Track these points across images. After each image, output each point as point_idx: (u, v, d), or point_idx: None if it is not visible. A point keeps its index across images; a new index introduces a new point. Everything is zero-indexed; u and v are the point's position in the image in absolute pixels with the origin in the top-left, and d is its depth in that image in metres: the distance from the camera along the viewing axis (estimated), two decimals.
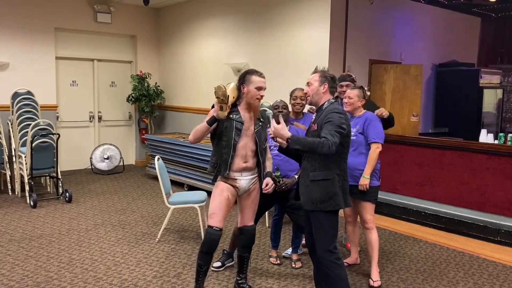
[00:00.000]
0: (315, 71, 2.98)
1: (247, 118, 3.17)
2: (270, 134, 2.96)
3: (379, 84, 6.52)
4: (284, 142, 2.95)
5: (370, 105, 3.88)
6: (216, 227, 3.12)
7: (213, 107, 3.17)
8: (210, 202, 3.23)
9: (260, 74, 3.13)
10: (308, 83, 2.96)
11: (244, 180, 3.22)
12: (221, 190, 3.18)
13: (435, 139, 5.52)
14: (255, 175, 3.28)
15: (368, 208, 3.63)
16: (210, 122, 3.12)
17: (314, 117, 2.97)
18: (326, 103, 2.88)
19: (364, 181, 3.53)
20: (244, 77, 3.14)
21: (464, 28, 8.26)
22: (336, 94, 3.03)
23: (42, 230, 4.83)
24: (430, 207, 5.20)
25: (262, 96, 3.15)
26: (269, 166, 3.32)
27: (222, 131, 3.15)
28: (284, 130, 2.72)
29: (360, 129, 3.60)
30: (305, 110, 4.19)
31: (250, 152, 3.19)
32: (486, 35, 8.70)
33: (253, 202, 3.30)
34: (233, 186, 3.21)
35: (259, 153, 3.22)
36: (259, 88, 3.11)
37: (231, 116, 3.14)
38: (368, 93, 3.94)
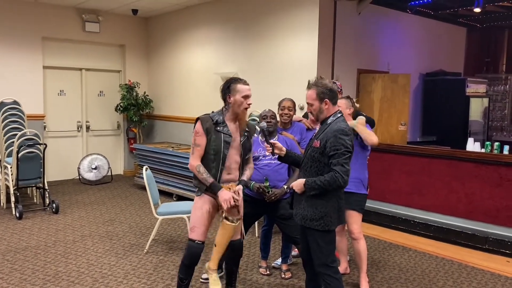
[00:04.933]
0: (310, 87, 2.82)
1: (233, 129, 3.07)
2: (269, 150, 2.96)
3: (367, 93, 6.56)
4: (283, 152, 2.99)
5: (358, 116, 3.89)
6: (198, 241, 3.08)
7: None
8: (191, 215, 3.17)
9: (244, 82, 3.06)
10: (308, 103, 2.85)
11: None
12: (203, 203, 3.10)
13: (423, 147, 5.57)
14: None
15: (354, 218, 3.61)
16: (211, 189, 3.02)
17: (317, 130, 2.89)
18: (331, 117, 2.80)
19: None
20: (228, 87, 3.04)
21: (450, 38, 8.38)
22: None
23: (27, 242, 4.75)
24: (419, 216, 5.23)
25: (249, 105, 3.06)
26: (247, 174, 3.17)
27: (209, 144, 3.02)
28: (300, 180, 2.77)
29: None
30: (298, 117, 4.19)
31: (234, 164, 3.09)
32: (471, 45, 8.85)
33: None
34: (215, 198, 3.08)
35: (243, 166, 3.14)
36: (246, 97, 3.02)
37: (218, 128, 3.03)
38: (357, 105, 3.94)
